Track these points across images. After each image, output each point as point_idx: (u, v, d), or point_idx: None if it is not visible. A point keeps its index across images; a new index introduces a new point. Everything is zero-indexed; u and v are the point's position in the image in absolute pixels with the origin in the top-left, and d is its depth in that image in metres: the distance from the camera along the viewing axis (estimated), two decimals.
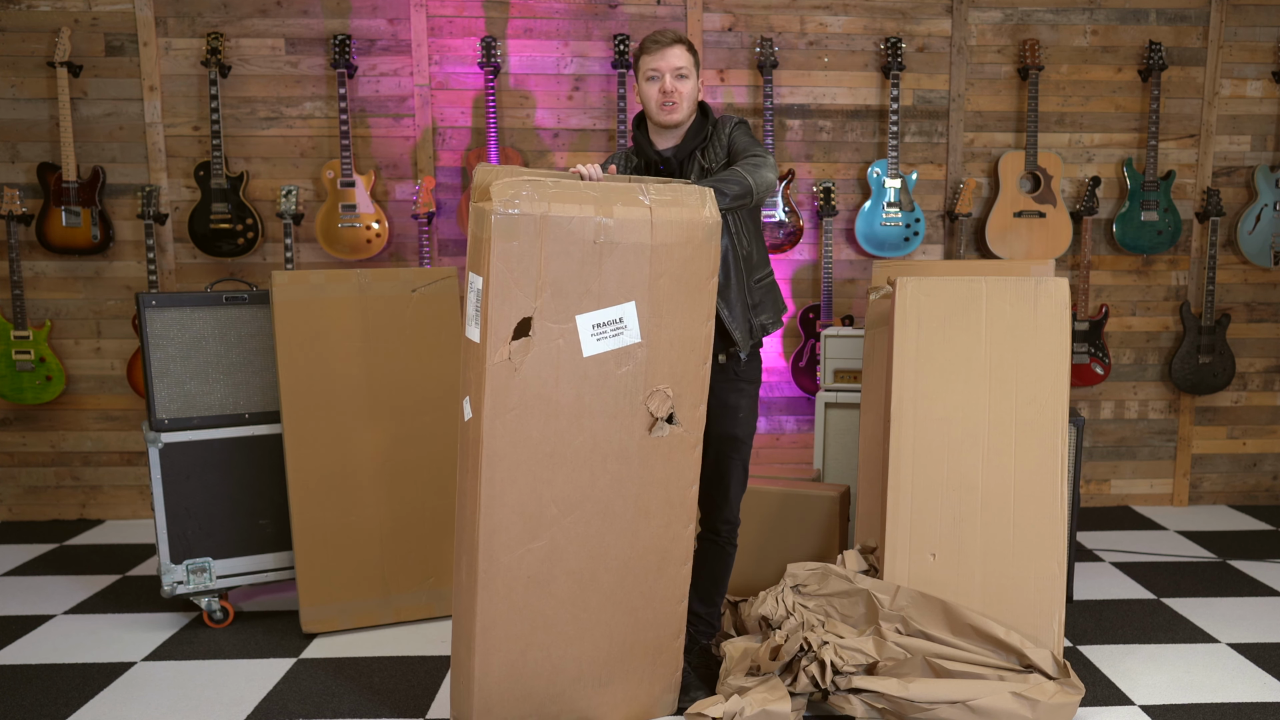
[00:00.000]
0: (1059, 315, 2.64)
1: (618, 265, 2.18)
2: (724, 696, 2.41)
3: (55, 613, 3.23)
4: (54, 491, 4.26)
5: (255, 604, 3.29)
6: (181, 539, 3.03)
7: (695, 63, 2.50)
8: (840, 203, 4.18)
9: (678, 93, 2.46)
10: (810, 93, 4.19)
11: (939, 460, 2.65)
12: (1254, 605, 3.25)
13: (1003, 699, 2.32)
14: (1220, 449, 4.46)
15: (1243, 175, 4.30)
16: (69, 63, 3.95)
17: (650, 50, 2.47)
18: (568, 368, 2.17)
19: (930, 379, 2.67)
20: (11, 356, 4.03)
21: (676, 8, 4.12)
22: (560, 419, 2.19)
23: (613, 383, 2.23)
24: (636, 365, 2.24)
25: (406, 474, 3.07)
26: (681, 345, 2.30)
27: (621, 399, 2.25)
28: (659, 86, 2.46)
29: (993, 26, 4.19)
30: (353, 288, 3.00)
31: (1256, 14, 4.21)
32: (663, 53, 2.45)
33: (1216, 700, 2.58)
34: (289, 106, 4.10)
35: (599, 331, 2.19)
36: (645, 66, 2.47)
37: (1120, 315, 4.36)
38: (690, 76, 2.48)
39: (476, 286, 2.12)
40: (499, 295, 2.09)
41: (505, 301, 2.09)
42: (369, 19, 4.07)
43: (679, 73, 2.46)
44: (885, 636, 2.50)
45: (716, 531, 2.65)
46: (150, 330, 2.98)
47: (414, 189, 4.08)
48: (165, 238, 4.10)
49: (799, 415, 4.34)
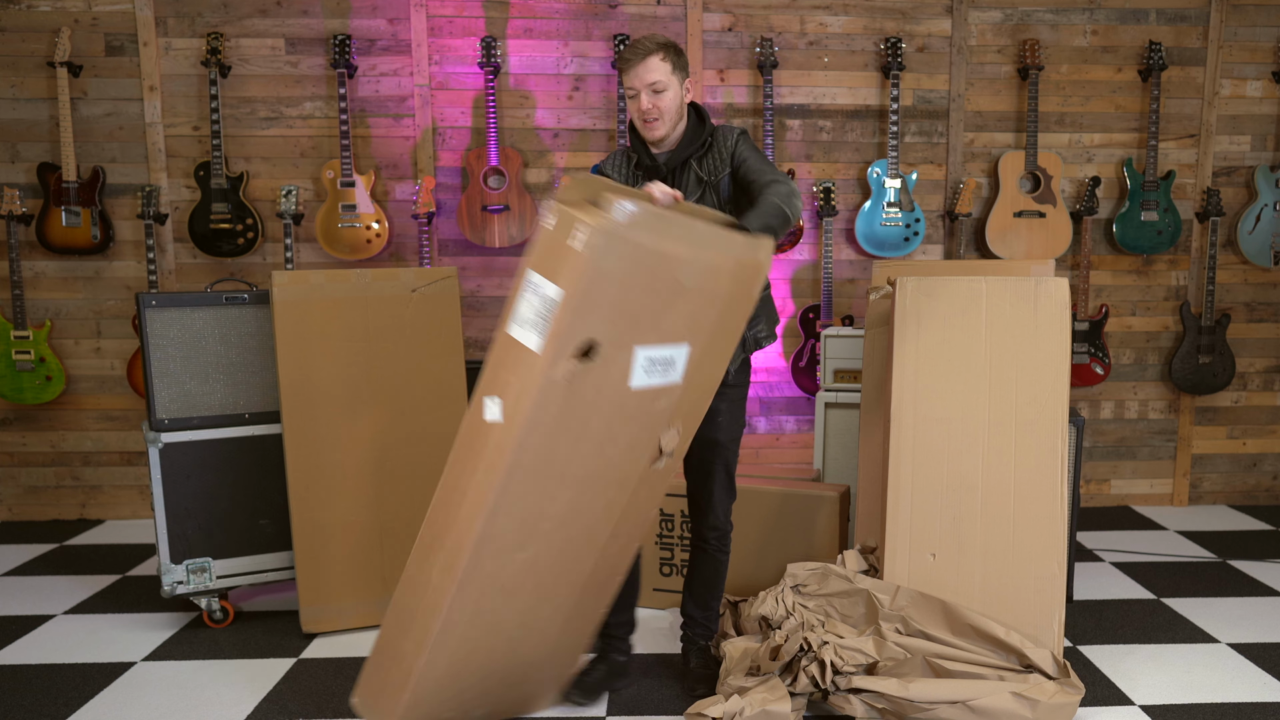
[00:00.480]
0: (1059, 315, 2.64)
1: (689, 308, 2.12)
2: (724, 696, 2.41)
3: (55, 613, 3.23)
4: (54, 491, 4.26)
5: (255, 604, 3.29)
6: (181, 539, 3.03)
7: (677, 67, 2.41)
8: (840, 203, 4.18)
9: (656, 109, 2.40)
10: (810, 93, 4.19)
11: (939, 460, 2.65)
12: (1254, 605, 3.25)
13: (1003, 699, 2.32)
14: (1220, 449, 4.46)
15: (1243, 175, 4.30)
16: (69, 63, 3.95)
17: (625, 67, 2.41)
18: (610, 395, 2.10)
19: (930, 379, 2.67)
20: (11, 356, 4.03)
21: (676, 8, 4.12)
22: (587, 443, 2.13)
23: (643, 417, 2.19)
24: (669, 403, 2.22)
25: (407, 474, 3.06)
26: (703, 387, 2.30)
27: (644, 432, 2.22)
28: (638, 105, 2.41)
29: (993, 26, 4.19)
30: (353, 288, 3.00)
31: (1256, 14, 4.21)
32: (636, 70, 2.38)
33: (1216, 700, 2.58)
34: (289, 106, 4.10)
35: (650, 366, 2.13)
36: (624, 82, 2.43)
37: (1120, 315, 4.36)
38: (669, 88, 2.40)
39: (546, 293, 1.98)
40: (577, 313, 1.95)
41: (582, 320, 1.98)
42: (369, 19, 4.07)
43: (655, 87, 2.38)
44: (885, 636, 2.50)
45: (704, 539, 2.63)
46: (150, 330, 2.98)
47: (414, 189, 4.08)
48: (165, 238, 4.10)
49: (799, 415, 4.34)
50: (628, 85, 2.41)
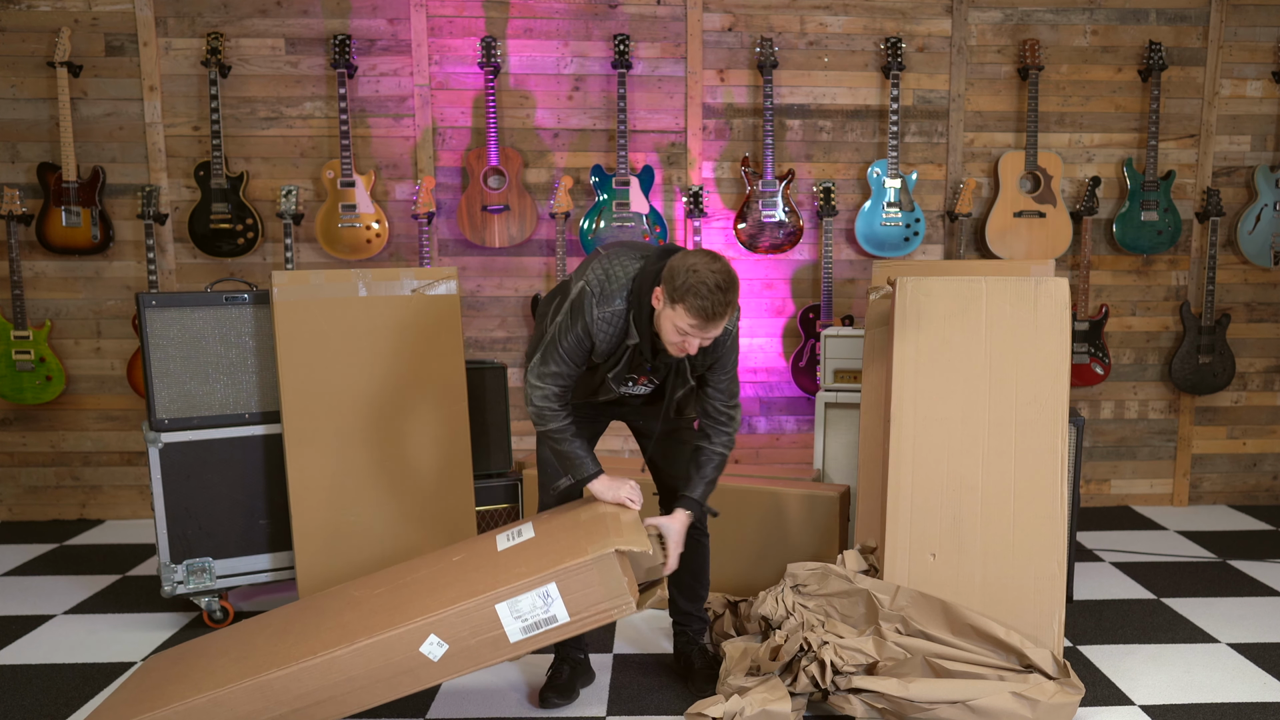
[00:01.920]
0: (1059, 315, 2.64)
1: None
2: (724, 696, 2.41)
3: (55, 613, 3.23)
4: (54, 491, 4.26)
5: (255, 604, 3.29)
6: (181, 539, 3.03)
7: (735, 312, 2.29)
8: (840, 203, 4.18)
9: (697, 348, 2.27)
10: (810, 93, 4.19)
11: (939, 460, 2.65)
12: (1254, 605, 3.25)
13: (1003, 699, 2.32)
14: (1220, 449, 4.46)
15: (1243, 175, 4.30)
16: (69, 63, 3.95)
17: (694, 312, 2.15)
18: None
19: (930, 379, 2.67)
20: (11, 356, 4.03)
21: (676, 8, 4.12)
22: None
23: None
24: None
25: (407, 473, 3.06)
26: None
27: None
28: (684, 343, 2.23)
29: (993, 26, 4.19)
30: (353, 288, 3.00)
31: (1256, 14, 4.21)
32: (706, 327, 2.18)
33: (1216, 700, 2.58)
34: (289, 106, 4.10)
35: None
36: (683, 319, 2.17)
37: (1120, 315, 4.36)
38: (720, 333, 2.26)
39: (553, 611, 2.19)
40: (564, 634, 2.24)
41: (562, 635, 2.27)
42: (369, 19, 4.07)
43: (706, 342, 2.25)
44: (885, 636, 2.50)
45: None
46: (150, 330, 2.98)
47: (414, 189, 4.08)
48: (165, 238, 4.10)
49: (799, 415, 4.34)
50: (689, 324, 2.18)
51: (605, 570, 2.16)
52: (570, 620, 2.18)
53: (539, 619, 2.17)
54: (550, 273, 4.21)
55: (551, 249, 4.19)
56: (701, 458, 2.47)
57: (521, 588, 2.16)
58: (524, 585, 2.16)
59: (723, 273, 2.16)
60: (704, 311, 2.14)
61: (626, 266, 2.31)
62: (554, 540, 2.32)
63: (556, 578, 2.15)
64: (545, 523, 2.48)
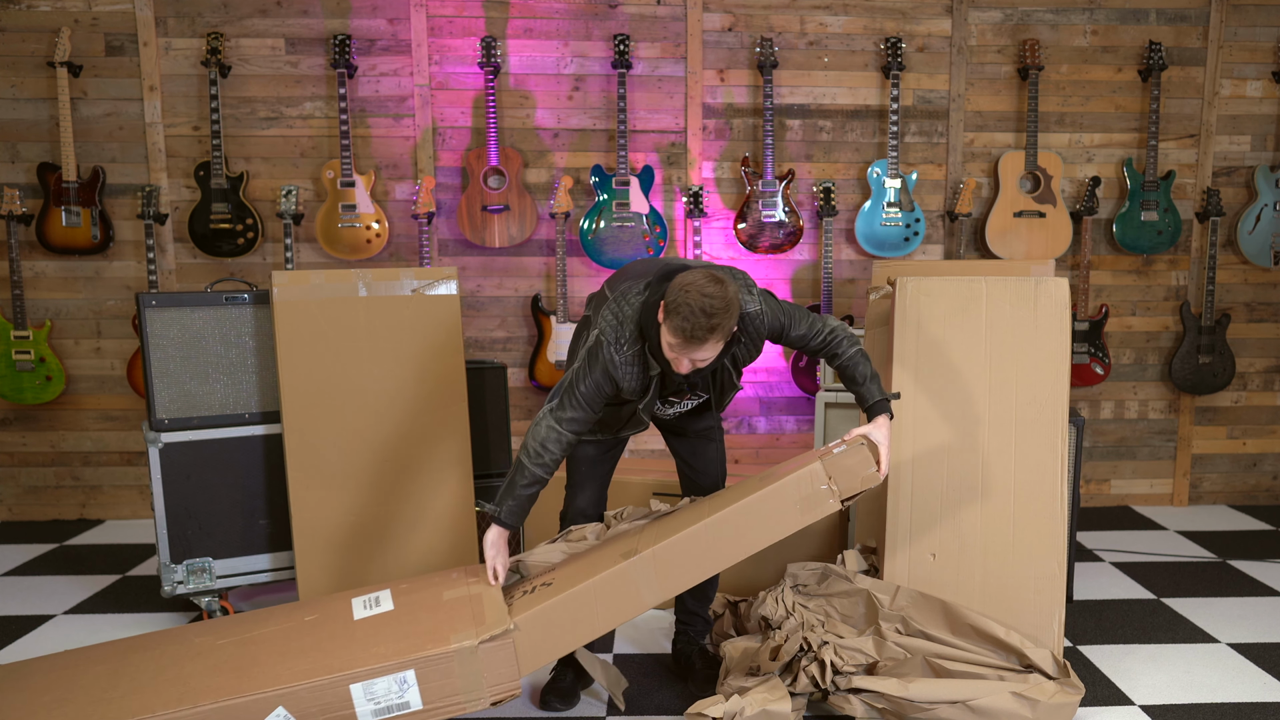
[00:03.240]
0: (1059, 315, 2.64)
1: None
2: (724, 696, 2.41)
3: (55, 613, 3.23)
4: (54, 491, 4.26)
5: (255, 604, 3.29)
6: (181, 539, 3.03)
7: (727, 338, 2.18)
8: (840, 203, 4.18)
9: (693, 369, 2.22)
10: (810, 93, 4.19)
11: (939, 460, 2.65)
12: (1254, 605, 3.25)
13: (1003, 699, 2.32)
14: (1220, 449, 4.46)
15: (1243, 175, 4.30)
16: (69, 63, 3.95)
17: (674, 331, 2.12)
18: None
19: (930, 379, 2.67)
20: (11, 356, 4.03)
21: (676, 8, 4.12)
22: None
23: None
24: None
25: (407, 474, 3.06)
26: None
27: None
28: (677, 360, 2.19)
29: (993, 26, 4.19)
30: (353, 288, 3.00)
31: (1256, 14, 4.21)
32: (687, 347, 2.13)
33: (1216, 700, 2.58)
34: (289, 106, 4.10)
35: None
36: (668, 336, 2.15)
37: (1120, 315, 4.37)
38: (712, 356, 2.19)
39: (407, 698, 2.13)
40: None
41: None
42: (369, 19, 4.07)
43: (699, 363, 2.19)
44: (885, 636, 2.50)
45: None
46: (150, 330, 2.98)
47: (414, 189, 4.08)
48: (165, 238, 4.10)
49: (799, 415, 4.34)
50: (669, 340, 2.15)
51: (465, 662, 2.10)
52: (423, 709, 2.10)
53: (392, 703, 2.09)
54: (550, 273, 4.21)
55: (551, 249, 4.19)
56: (848, 369, 2.36)
57: (380, 670, 2.07)
58: (382, 668, 2.07)
59: (715, 298, 2.08)
60: (683, 332, 2.09)
61: (633, 302, 2.30)
62: (415, 619, 2.26)
63: (416, 665, 2.08)
64: (405, 595, 2.42)
